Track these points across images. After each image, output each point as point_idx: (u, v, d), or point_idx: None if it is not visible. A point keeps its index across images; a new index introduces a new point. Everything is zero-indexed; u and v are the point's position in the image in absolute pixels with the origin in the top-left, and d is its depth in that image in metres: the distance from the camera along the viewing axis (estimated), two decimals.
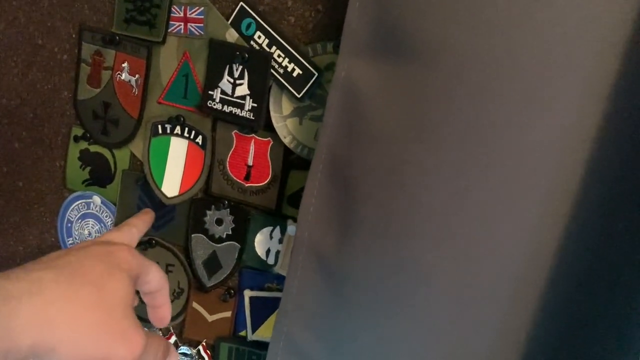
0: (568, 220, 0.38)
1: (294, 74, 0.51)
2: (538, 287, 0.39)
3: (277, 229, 0.56)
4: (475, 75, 0.34)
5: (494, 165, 0.35)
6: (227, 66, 0.53)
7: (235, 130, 0.55)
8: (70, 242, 0.65)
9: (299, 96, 0.51)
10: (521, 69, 0.34)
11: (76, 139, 0.61)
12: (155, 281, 0.43)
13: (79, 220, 0.64)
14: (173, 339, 0.63)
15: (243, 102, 0.53)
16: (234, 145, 0.55)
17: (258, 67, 0.52)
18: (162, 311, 0.45)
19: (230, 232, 0.57)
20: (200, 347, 0.62)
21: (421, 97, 0.36)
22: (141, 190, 0.60)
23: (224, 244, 0.58)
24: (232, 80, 0.53)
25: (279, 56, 0.51)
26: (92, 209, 0.63)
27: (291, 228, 0.55)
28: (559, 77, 0.34)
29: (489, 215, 0.36)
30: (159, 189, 0.58)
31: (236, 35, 0.53)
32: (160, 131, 0.57)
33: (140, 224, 0.50)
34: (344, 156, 0.44)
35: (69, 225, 0.64)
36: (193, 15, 0.54)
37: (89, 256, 0.37)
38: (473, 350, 0.40)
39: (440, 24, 0.34)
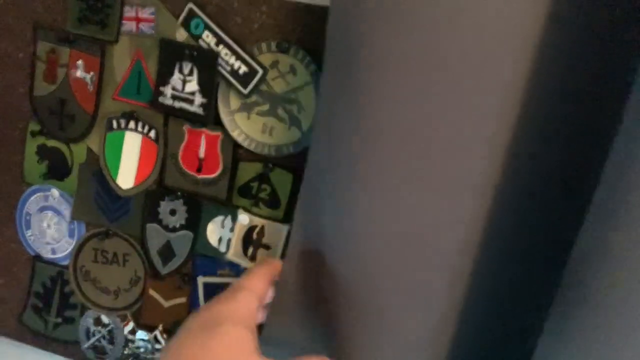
0: (495, 211, 0.42)
1: (240, 72, 0.54)
2: (469, 274, 0.44)
3: (229, 218, 0.60)
4: (409, 76, 0.38)
5: (427, 161, 0.39)
6: (177, 64, 0.56)
7: (187, 125, 0.58)
8: (29, 234, 0.67)
9: (245, 92, 0.54)
10: (447, 69, 0.38)
11: (33, 134, 0.63)
12: None
13: (38, 213, 0.66)
14: (131, 325, 0.65)
15: (193, 97, 0.56)
16: (185, 139, 0.58)
17: (206, 64, 0.55)
18: None
19: (183, 222, 0.60)
20: (157, 332, 0.65)
21: (366, 99, 0.40)
22: (98, 182, 0.62)
23: (177, 233, 0.61)
24: (182, 77, 0.56)
25: (226, 54, 0.54)
26: (51, 202, 0.65)
27: (242, 217, 0.59)
28: (480, 76, 0.38)
29: (423, 208, 0.41)
30: (115, 182, 0.61)
31: (185, 34, 0.55)
32: (114, 126, 0.60)
33: (261, 286, 0.47)
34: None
35: (28, 218, 0.66)
36: (144, 15, 0.56)
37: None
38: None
39: (385, 36, 0.38)
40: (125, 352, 0.67)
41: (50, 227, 0.66)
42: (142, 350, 0.66)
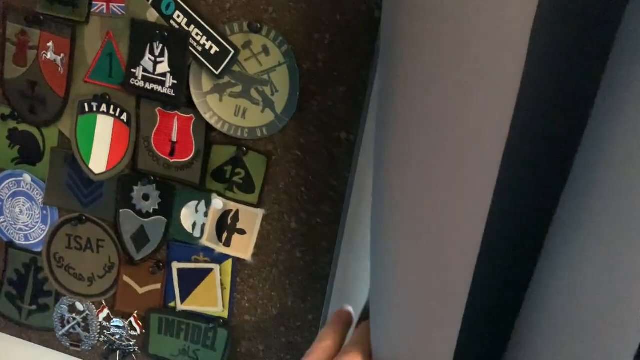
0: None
1: (212, 52, 0.53)
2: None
3: (202, 202, 0.59)
4: (431, 63, 0.37)
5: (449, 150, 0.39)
6: (148, 45, 0.54)
7: (159, 107, 0.57)
8: (1, 220, 0.66)
9: (217, 73, 0.53)
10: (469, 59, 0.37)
11: (4, 117, 0.62)
12: None
13: (10, 199, 0.65)
14: (105, 312, 0.65)
15: (164, 79, 0.55)
16: (158, 122, 0.57)
17: (177, 45, 0.54)
18: None
19: (157, 207, 0.59)
20: (132, 319, 0.64)
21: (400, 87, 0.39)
22: (70, 167, 0.61)
23: (151, 218, 0.60)
24: (153, 59, 0.55)
25: (197, 35, 0.53)
26: (23, 187, 0.64)
27: (216, 201, 0.58)
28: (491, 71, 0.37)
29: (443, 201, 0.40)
30: (87, 166, 0.60)
31: (157, 14, 0.54)
32: (86, 109, 0.59)
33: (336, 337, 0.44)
34: None
35: (0, 204, 0.65)
36: None
37: None
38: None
39: (415, 22, 0.37)
40: (101, 339, 0.66)
41: (23, 213, 0.65)
42: (117, 337, 0.65)
